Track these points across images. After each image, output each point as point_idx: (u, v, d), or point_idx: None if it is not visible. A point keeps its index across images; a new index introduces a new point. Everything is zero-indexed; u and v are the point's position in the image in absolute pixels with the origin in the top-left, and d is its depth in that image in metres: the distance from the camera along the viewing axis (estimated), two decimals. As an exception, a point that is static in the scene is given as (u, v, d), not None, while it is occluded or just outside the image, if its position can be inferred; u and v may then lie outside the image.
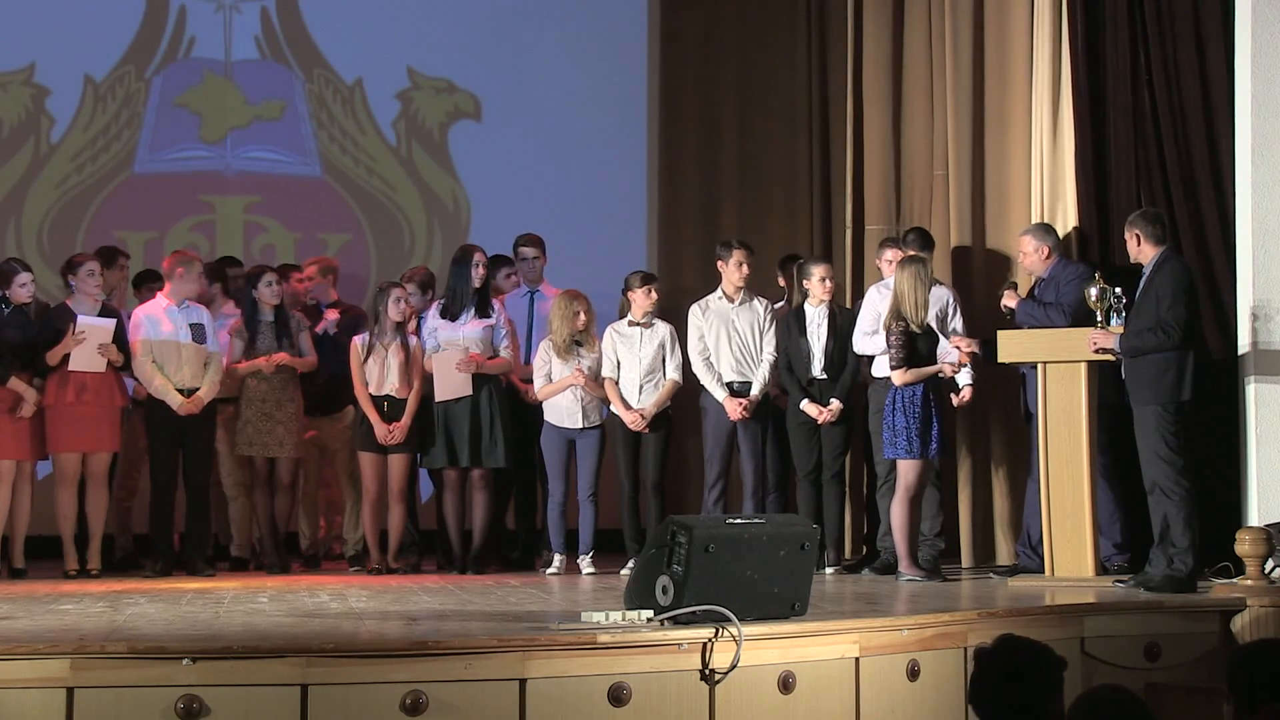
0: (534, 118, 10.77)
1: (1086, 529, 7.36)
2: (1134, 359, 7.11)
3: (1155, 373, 7.05)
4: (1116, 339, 7.17)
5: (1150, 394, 7.06)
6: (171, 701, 4.75)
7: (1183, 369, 7.03)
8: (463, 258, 8.77)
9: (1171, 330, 7.00)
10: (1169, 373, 7.02)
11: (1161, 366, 7.04)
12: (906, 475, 7.76)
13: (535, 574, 8.59)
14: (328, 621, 5.81)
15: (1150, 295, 7.12)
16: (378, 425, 8.55)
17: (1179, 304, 7.03)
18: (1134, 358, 7.11)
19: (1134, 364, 7.13)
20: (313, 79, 10.73)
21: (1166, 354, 7.02)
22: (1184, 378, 7.03)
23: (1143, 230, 7.26)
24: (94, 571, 8.37)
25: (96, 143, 10.47)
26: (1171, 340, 7.00)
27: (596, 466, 8.63)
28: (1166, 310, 7.02)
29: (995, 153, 8.93)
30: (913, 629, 5.70)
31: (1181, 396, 7.03)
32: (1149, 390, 7.06)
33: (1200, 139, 7.87)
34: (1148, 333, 7.05)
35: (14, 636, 5.17)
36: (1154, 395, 7.04)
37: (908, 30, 9.53)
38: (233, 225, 10.57)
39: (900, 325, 7.80)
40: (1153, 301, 7.10)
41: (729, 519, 5.68)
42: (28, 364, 8.24)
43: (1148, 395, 7.07)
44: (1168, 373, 7.03)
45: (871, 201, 9.57)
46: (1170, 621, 6.48)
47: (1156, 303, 7.07)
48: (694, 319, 8.68)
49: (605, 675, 5.06)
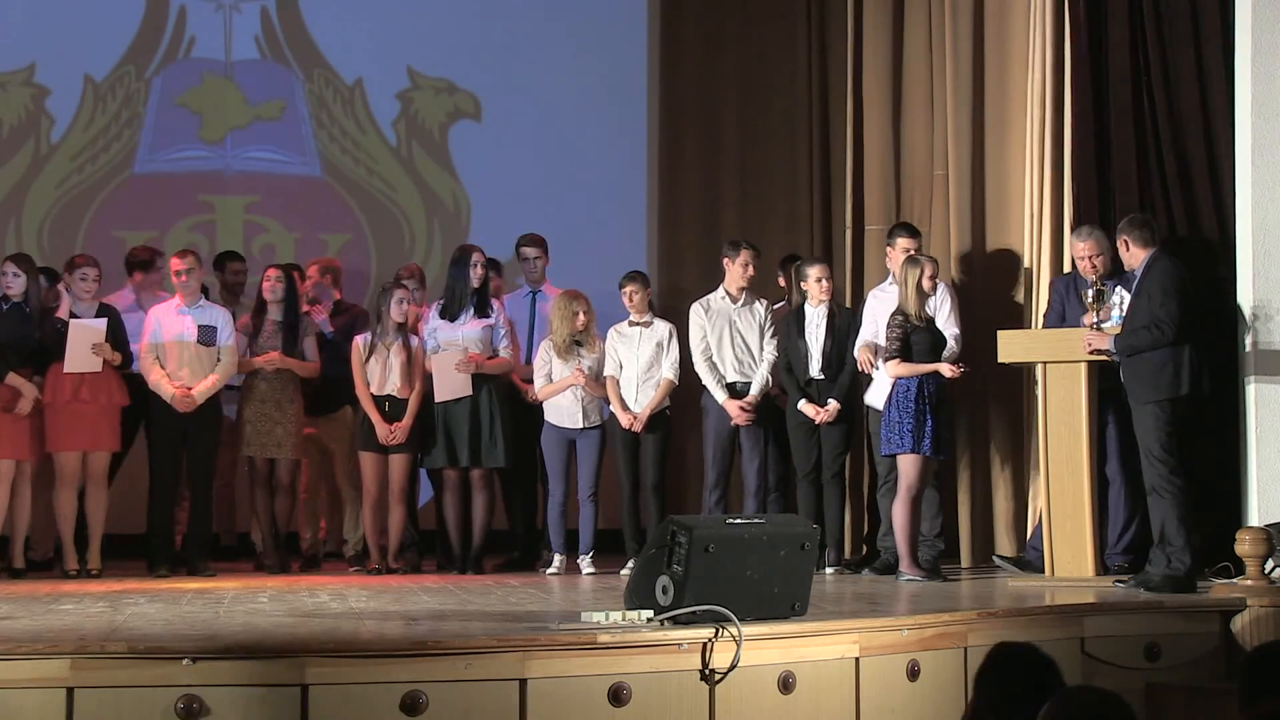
0: (534, 118, 10.77)
1: (1086, 529, 7.37)
2: (1131, 358, 7.13)
3: (1152, 370, 7.06)
4: (1111, 339, 7.18)
5: (1150, 391, 7.07)
6: (171, 701, 4.74)
7: (1179, 364, 7.05)
8: (461, 258, 8.77)
9: (1165, 326, 7.02)
10: (1166, 369, 7.04)
11: (1158, 363, 7.05)
12: (907, 473, 7.76)
13: (535, 574, 8.59)
14: (328, 621, 5.80)
15: (1143, 295, 7.15)
16: (379, 425, 8.55)
17: (1170, 300, 7.05)
18: (1130, 356, 7.12)
19: (1131, 363, 7.15)
20: (313, 79, 10.73)
21: (1162, 351, 7.04)
22: (1181, 373, 7.05)
23: (1130, 236, 7.28)
24: (94, 571, 8.37)
25: (96, 143, 10.47)
26: (1166, 336, 7.02)
27: (596, 466, 8.63)
28: (1159, 307, 7.05)
29: (995, 153, 8.93)
30: (913, 629, 5.70)
31: (1180, 391, 7.04)
32: (1148, 388, 7.07)
33: (1199, 139, 7.87)
34: (1142, 330, 7.07)
35: (14, 636, 5.16)
36: (1153, 392, 7.05)
37: (908, 30, 9.53)
38: (233, 225, 10.56)
39: (899, 319, 7.82)
40: (1145, 301, 7.12)
41: (729, 519, 5.67)
42: (26, 362, 8.24)
43: (1147, 393, 7.08)
44: (1165, 369, 7.04)
45: (871, 201, 9.57)
46: (1170, 621, 6.48)
47: (1149, 301, 7.09)
48: (696, 318, 8.68)
49: (605, 675, 5.05)
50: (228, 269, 9.62)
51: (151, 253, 9.26)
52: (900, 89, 9.55)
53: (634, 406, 8.55)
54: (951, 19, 9.11)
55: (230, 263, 9.65)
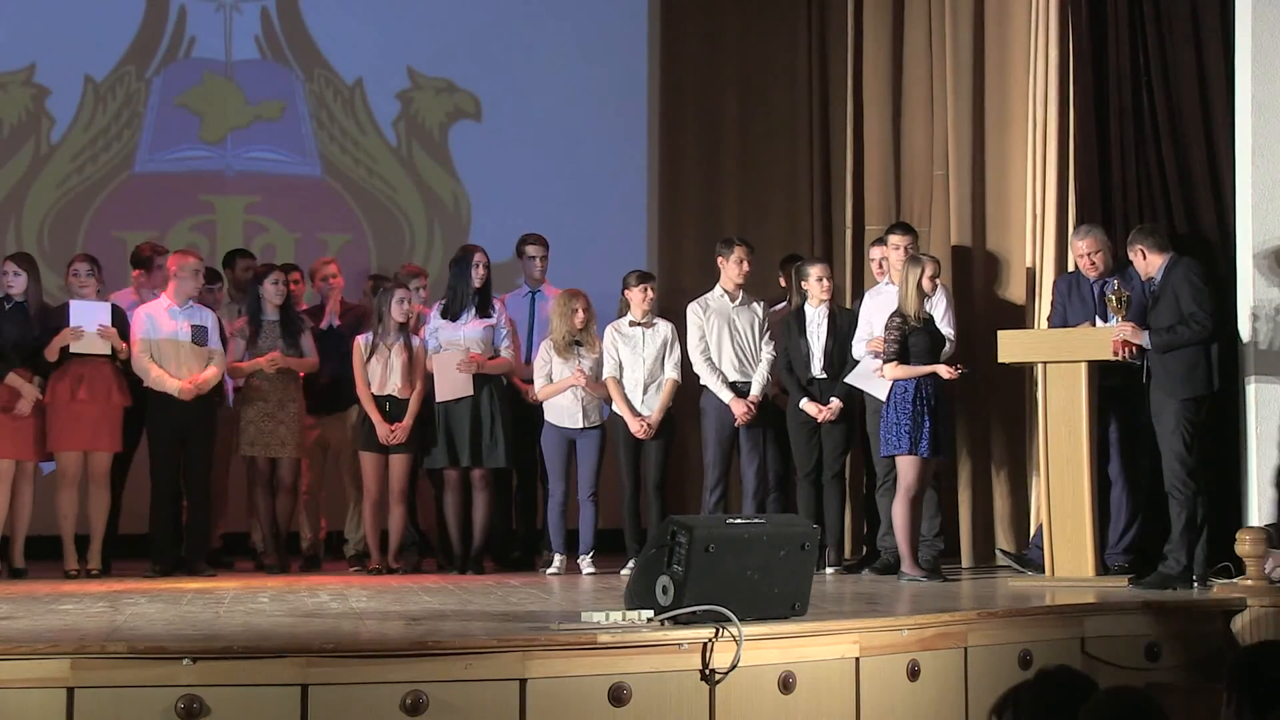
0: (534, 118, 10.77)
1: (1086, 529, 7.36)
2: (1164, 355, 7.14)
3: (1186, 367, 7.11)
4: (1146, 336, 7.18)
5: (1183, 388, 7.10)
6: (171, 701, 4.74)
7: (1210, 361, 7.12)
8: (463, 258, 8.78)
9: (1204, 321, 7.09)
10: (1199, 366, 7.11)
11: (1191, 360, 7.11)
12: (906, 474, 7.76)
13: (535, 574, 8.59)
14: (328, 621, 5.80)
15: (1168, 295, 7.17)
16: (379, 425, 8.55)
17: (1202, 295, 7.13)
18: (1165, 353, 7.13)
19: (1162, 360, 7.16)
20: (313, 79, 10.73)
21: (1195, 348, 7.07)
22: (1212, 369, 7.12)
23: (1145, 243, 7.32)
24: (94, 571, 8.37)
25: (97, 143, 10.47)
26: (1205, 330, 7.09)
27: (596, 466, 8.63)
28: (1190, 303, 7.09)
29: (995, 153, 8.93)
30: (913, 629, 5.69)
31: (1211, 388, 7.11)
32: (1180, 384, 7.10)
33: (1199, 139, 7.87)
34: (1180, 327, 7.10)
35: (14, 636, 5.16)
36: (1186, 389, 7.09)
37: (908, 30, 9.53)
38: (233, 225, 10.57)
39: (897, 320, 7.82)
40: (1171, 300, 7.15)
41: (729, 519, 5.67)
42: (26, 361, 8.24)
43: (1179, 390, 7.10)
44: (1198, 366, 7.11)
45: (871, 201, 9.58)
46: (1170, 621, 6.48)
47: (1176, 300, 7.12)
48: (693, 317, 8.67)
49: (605, 675, 5.05)
50: (238, 265, 9.62)
51: (153, 249, 9.25)
52: (900, 89, 9.55)
53: (641, 409, 8.54)
54: (951, 19, 9.12)
55: (240, 259, 9.66)
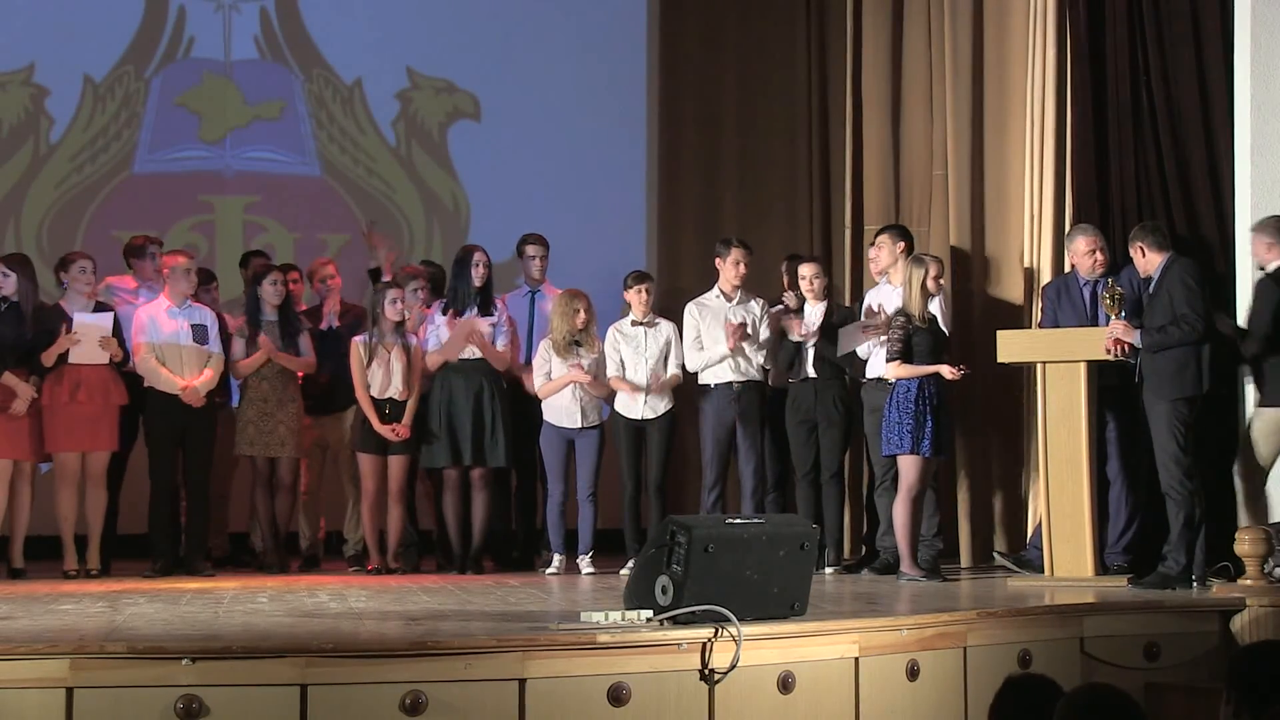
0: (534, 118, 10.77)
1: (1086, 529, 7.36)
2: (1153, 354, 7.14)
3: (1176, 367, 7.09)
4: (1138, 334, 7.18)
5: (1172, 388, 7.09)
6: (171, 701, 4.74)
7: (1200, 362, 7.09)
8: (464, 258, 8.79)
9: (1194, 322, 7.07)
10: (1189, 366, 7.09)
11: (1181, 361, 7.09)
12: (908, 474, 7.76)
13: (534, 574, 8.59)
14: (327, 621, 5.80)
15: (1162, 295, 7.17)
16: (380, 427, 8.55)
17: (1195, 297, 7.11)
18: (1155, 352, 7.13)
19: (1152, 360, 7.15)
20: (312, 79, 10.73)
21: (1185, 348, 7.07)
22: (1202, 370, 7.10)
23: (1145, 241, 7.31)
24: (93, 571, 8.37)
25: (96, 143, 10.47)
26: (1196, 331, 7.07)
27: (596, 466, 8.62)
28: (1183, 304, 7.08)
29: (995, 153, 8.93)
30: (912, 629, 5.69)
31: (1200, 389, 7.09)
32: (1170, 385, 7.09)
33: (1198, 139, 7.87)
34: (1171, 327, 7.09)
35: (14, 636, 5.16)
36: (1175, 389, 7.07)
37: (907, 30, 9.53)
38: (232, 225, 10.57)
39: (901, 319, 7.82)
40: (1165, 299, 7.14)
41: (728, 519, 5.67)
42: (21, 362, 8.23)
43: (1167, 390, 7.09)
44: (1187, 367, 7.09)
45: (871, 201, 9.57)
46: (1170, 621, 6.47)
47: (1170, 300, 7.11)
48: (690, 317, 8.69)
49: (605, 675, 5.05)
50: (252, 265, 9.61)
51: (146, 239, 9.23)
52: (900, 89, 9.55)
53: (645, 411, 8.53)
54: (951, 19, 9.11)
55: (255, 259, 9.65)
